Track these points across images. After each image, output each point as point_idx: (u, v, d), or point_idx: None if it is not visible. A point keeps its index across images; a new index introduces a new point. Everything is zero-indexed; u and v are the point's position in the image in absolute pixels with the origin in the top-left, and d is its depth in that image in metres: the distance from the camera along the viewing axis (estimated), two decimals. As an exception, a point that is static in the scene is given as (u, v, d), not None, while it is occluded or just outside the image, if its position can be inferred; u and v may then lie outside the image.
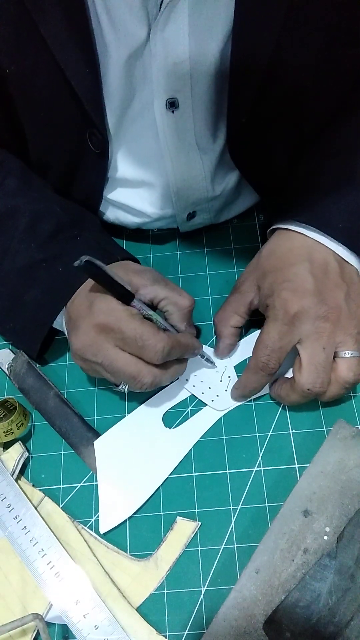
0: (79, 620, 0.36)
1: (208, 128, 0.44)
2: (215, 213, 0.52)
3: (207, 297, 0.50)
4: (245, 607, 0.36)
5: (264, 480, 0.41)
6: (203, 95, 0.41)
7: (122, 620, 0.37)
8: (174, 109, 0.41)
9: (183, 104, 0.41)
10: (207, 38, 0.38)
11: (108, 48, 0.38)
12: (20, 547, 0.39)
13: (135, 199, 0.49)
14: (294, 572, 0.36)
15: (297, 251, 0.41)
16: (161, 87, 0.40)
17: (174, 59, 0.38)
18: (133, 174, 0.47)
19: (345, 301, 0.39)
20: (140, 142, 0.44)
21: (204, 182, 0.47)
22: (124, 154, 0.45)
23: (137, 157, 0.46)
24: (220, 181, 0.49)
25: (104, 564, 0.39)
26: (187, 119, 0.42)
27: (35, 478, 0.43)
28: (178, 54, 0.38)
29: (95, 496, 0.42)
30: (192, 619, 0.37)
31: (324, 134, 0.47)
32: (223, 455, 0.43)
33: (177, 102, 0.41)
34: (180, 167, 0.45)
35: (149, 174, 0.46)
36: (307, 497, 0.39)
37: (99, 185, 0.48)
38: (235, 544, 0.39)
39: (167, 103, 0.41)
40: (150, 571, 0.39)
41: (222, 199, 0.51)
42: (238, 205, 0.54)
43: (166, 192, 0.48)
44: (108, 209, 0.52)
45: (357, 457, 0.40)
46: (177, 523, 0.40)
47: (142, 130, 0.43)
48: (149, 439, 0.44)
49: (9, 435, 0.43)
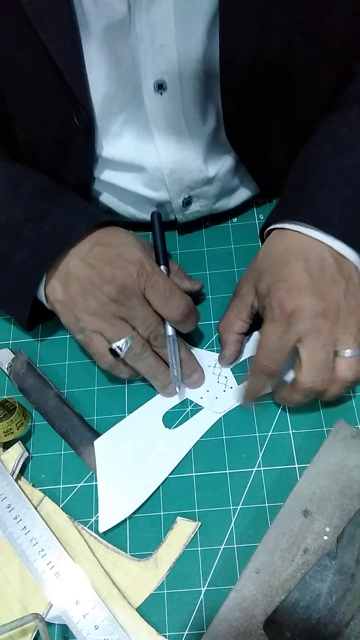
0: (79, 620, 0.36)
1: (198, 109, 0.44)
2: (212, 200, 0.52)
3: (207, 297, 0.50)
4: (245, 607, 0.36)
5: (264, 480, 0.41)
6: (192, 77, 0.41)
7: (122, 621, 0.37)
8: (162, 91, 0.42)
9: (171, 86, 0.41)
10: (193, 20, 0.38)
11: (88, 20, 0.38)
12: (20, 547, 0.39)
13: (127, 181, 0.49)
14: (294, 572, 0.36)
15: (292, 250, 0.41)
16: (149, 69, 0.41)
17: (160, 41, 0.39)
18: (122, 154, 0.46)
19: (344, 297, 0.39)
20: (130, 122, 0.44)
21: (196, 162, 0.47)
22: (112, 134, 0.45)
23: (126, 137, 0.45)
24: (214, 162, 0.48)
25: (104, 564, 0.39)
26: (176, 100, 0.42)
27: (35, 478, 0.43)
28: (165, 36, 0.39)
29: (95, 496, 0.42)
30: (192, 619, 0.37)
31: (315, 132, 0.46)
32: (223, 455, 0.43)
33: (165, 84, 0.41)
34: (171, 148, 0.45)
35: (139, 155, 0.46)
36: (307, 497, 0.39)
37: (88, 165, 0.48)
38: (235, 544, 0.39)
39: (155, 85, 0.41)
40: (150, 571, 0.39)
41: (218, 184, 0.50)
42: (236, 196, 0.53)
43: (158, 174, 0.47)
44: (102, 195, 0.52)
45: (357, 457, 0.40)
46: (177, 523, 0.40)
47: (131, 110, 0.43)
48: (149, 439, 0.44)
49: (9, 435, 0.43)
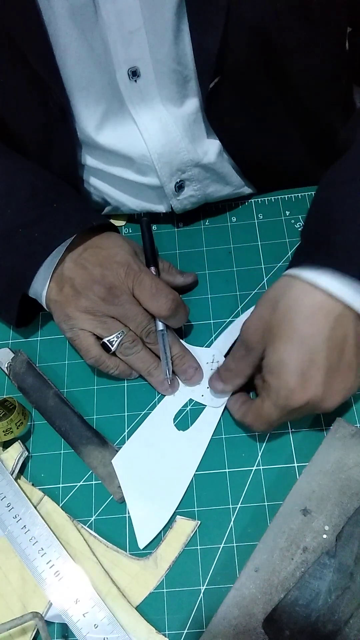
0: (79, 619, 0.36)
1: (175, 94, 0.44)
2: (204, 183, 0.51)
3: (207, 297, 0.50)
4: (245, 605, 0.36)
5: (264, 479, 0.41)
6: (164, 60, 0.41)
7: (121, 619, 0.37)
8: (136, 78, 0.42)
9: (145, 72, 0.42)
10: (160, 5, 0.38)
11: (52, 4, 0.38)
12: (19, 546, 0.39)
13: (118, 170, 0.49)
14: (293, 570, 0.36)
15: (318, 320, 0.35)
16: (120, 56, 0.41)
17: (129, 27, 0.39)
18: (109, 142, 0.46)
19: (354, 377, 0.37)
20: (110, 113, 0.44)
21: (182, 143, 0.46)
22: (95, 123, 0.45)
23: (109, 126, 0.45)
24: (200, 143, 0.48)
25: (104, 563, 0.39)
26: (151, 86, 0.43)
27: (35, 477, 0.43)
28: (132, 22, 0.39)
29: (95, 495, 0.42)
30: (191, 618, 0.37)
31: (336, 163, 0.42)
32: (222, 454, 0.43)
33: (138, 70, 0.42)
34: (155, 133, 0.45)
35: (126, 143, 0.46)
36: (306, 495, 0.39)
37: (71, 151, 0.48)
38: (235, 543, 0.40)
39: (129, 73, 0.42)
40: (150, 570, 0.39)
41: (208, 167, 0.49)
42: (229, 182, 0.52)
43: (147, 160, 0.47)
44: (96, 184, 0.52)
45: (356, 455, 0.40)
46: (176, 522, 0.40)
47: (110, 99, 0.44)
48: (165, 445, 0.43)
49: (9, 434, 0.43)
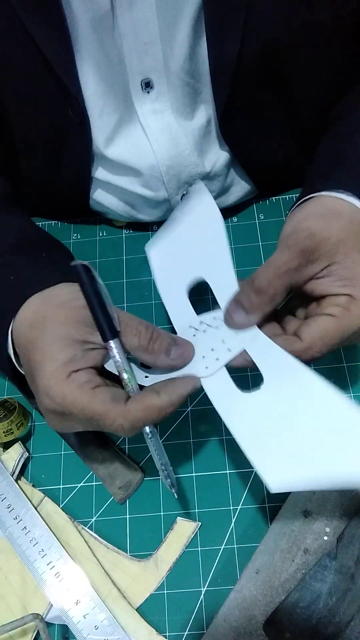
0: (79, 621, 0.36)
1: (187, 107, 0.44)
2: None
3: (207, 297, 0.50)
4: (245, 607, 0.36)
5: (264, 480, 0.41)
6: (178, 73, 0.41)
7: (122, 621, 0.37)
8: (149, 89, 0.42)
9: (158, 84, 0.42)
10: (177, 18, 0.38)
11: (75, 14, 0.38)
12: (20, 547, 0.39)
13: (125, 181, 0.49)
14: (294, 572, 0.36)
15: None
16: (134, 67, 0.41)
17: (144, 39, 0.39)
18: (119, 154, 0.46)
19: None
20: (123, 124, 0.44)
21: (191, 157, 0.46)
22: (107, 135, 0.45)
23: (121, 138, 0.45)
24: (209, 157, 0.48)
25: (104, 564, 0.39)
26: (163, 97, 0.43)
27: (35, 478, 0.43)
28: (148, 34, 0.39)
29: (96, 496, 0.42)
30: (192, 619, 0.37)
31: (343, 118, 0.44)
32: (223, 455, 0.43)
33: (151, 82, 0.42)
34: (165, 145, 0.45)
35: (135, 155, 0.46)
36: (307, 497, 0.39)
37: (85, 162, 0.48)
38: (236, 545, 0.39)
39: (142, 84, 0.42)
40: (151, 571, 0.39)
41: (215, 179, 0.50)
42: (234, 193, 0.53)
43: (156, 172, 0.47)
44: (100, 195, 0.52)
45: (357, 457, 0.40)
46: (177, 523, 0.40)
47: (123, 111, 0.44)
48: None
49: (9, 435, 0.43)
